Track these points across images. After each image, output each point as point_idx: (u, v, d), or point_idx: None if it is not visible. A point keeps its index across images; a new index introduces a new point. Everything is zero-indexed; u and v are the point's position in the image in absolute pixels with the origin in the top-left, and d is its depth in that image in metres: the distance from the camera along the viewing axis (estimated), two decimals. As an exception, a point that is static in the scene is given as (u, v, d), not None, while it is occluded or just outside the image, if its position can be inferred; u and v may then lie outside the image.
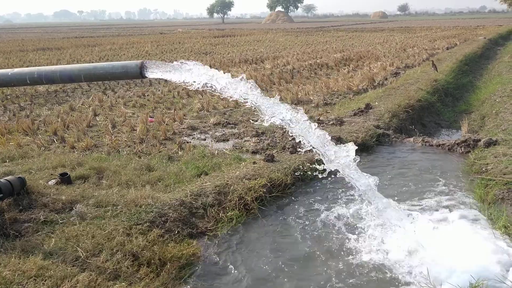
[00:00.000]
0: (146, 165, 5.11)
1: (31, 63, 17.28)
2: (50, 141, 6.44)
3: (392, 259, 3.33)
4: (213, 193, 4.25)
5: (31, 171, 4.82)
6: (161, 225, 3.67)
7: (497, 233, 3.58)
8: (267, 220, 4.12)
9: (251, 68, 14.45)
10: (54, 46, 26.44)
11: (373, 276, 3.18)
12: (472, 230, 3.72)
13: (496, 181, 4.47)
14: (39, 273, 2.83)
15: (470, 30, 33.05)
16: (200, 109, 8.54)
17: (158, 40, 31.24)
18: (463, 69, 12.70)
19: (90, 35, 44.27)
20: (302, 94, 9.65)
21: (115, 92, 11.01)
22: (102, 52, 21.61)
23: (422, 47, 19.50)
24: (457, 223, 3.86)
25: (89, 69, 3.12)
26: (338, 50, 20.14)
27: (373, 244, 3.55)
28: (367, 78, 11.09)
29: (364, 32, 36.87)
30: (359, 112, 7.46)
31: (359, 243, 3.62)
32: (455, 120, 8.12)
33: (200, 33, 44.19)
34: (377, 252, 3.44)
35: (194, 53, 20.93)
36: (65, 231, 3.38)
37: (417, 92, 8.80)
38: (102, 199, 3.96)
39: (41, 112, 8.73)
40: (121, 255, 3.12)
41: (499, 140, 5.61)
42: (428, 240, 3.43)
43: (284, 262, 3.43)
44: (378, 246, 3.51)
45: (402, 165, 5.50)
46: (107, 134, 6.66)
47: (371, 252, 3.45)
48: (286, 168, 4.92)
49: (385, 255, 3.39)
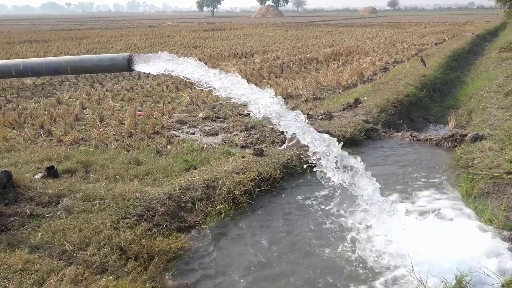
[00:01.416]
0: (134, 159, 5.08)
1: (18, 55, 17.01)
2: (36, 135, 6.37)
3: (377, 251, 3.37)
4: (201, 187, 4.24)
5: (17, 164, 4.77)
6: (149, 219, 3.66)
7: (482, 226, 3.64)
8: (256, 214, 4.13)
9: (240, 62, 14.41)
10: (41, 39, 26.04)
11: (358, 268, 3.21)
12: (457, 223, 3.78)
13: (482, 175, 4.53)
14: (25, 267, 2.80)
15: (458, 26, 33.35)
16: (189, 103, 8.50)
17: (147, 33, 30.95)
18: (451, 65, 12.81)
19: (77, 27, 43.69)
20: (291, 88, 9.66)
21: (103, 85, 10.90)
22: (90, 45, 21.35)
23: (411, 43, 19.62)
24: (443, 217, 3.91)
25: (75, 62, 3.08)
26: (328, 45, 20.17)
27: (360, 238, 3.58)
28: (357, 73, 11.14)
29: (354, 27, 36.96)
30: (348, 107, 7.49)
31: (346, 235, 3.65)
32: (443, 115, 8.19)
33: (190, 26, 43.88)
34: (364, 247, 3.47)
35: (184, 46, 20.79)
36: (51, 225, 3.35)
37: (405, 87, 8.86)
38: (90, 193, 3.93)
39: (27, 105, 8.61)
40: (109, 249, 3.11)
41: (485, 135, 5.68)
42: (413, 233, 3.47)
43: (272, 255, 3.45)
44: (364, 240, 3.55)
45: (389, 159, 5.55)
46: (95, 127, 6.60)
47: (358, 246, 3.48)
48: (275, 162, 4.93)
49: (371, 247, 3.43)
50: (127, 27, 43.01)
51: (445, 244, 3.34)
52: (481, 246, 3.35)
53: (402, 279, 3.05)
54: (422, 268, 3.05)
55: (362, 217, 3.80)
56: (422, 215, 3.94)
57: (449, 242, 3.37)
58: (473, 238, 3.48)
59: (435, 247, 3.28)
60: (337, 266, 3.27)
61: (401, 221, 3.58)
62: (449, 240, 3.40)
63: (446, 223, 3.79)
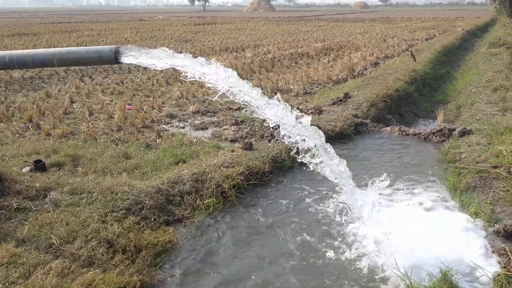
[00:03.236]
0: (123, 153, 5.06)
1: (6, 48, 16.77)
2: (25, 128, 6.31)
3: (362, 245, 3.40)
4: (190, 181, 4.24)
5: (4, 158, 4.72)
6: (137, 212, 3.65)
7: (468, 220, 3.68)
8: (244, 207, 4.14)
9: (231, 57, 14.36)
10: (30, 32, 25.68)
11: (343, 263, 3.24)
12: (444, 217, 3.81)
13: (469, 170, 4.58)
14: (11, 260, 2.79)
15: (449, 22, 33.48)
16: (179, 97, 8.46)
17: (138, 27, 30.67)
18: (441, 60, 12.89)
19: (67, 21, 43.17)
20: (282, 83, 9.66)
21: (92, 79, 10.80)
22: (80, 38, 21.12)
23: (402, 38, 19.69)
24: (429, 211, 3.95)
25: (62, 54, 3.05)
26: (319, 39, 20.17)
27: (346, 233, 3.61)
28: (347, 68, 11.16)
29: (345, 22, 36.97)
30: (338, 101, 7.51)
31: (332, 229, 3.67)
32: (432, 110, 8.26)
33: (181, 20, 43.58)
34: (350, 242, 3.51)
35: (175, 40, 20.66)
36: (38, 219, 3.33)
37: (395, 82, 8.91)
38: (77, 186, 3.91)
39: (16, 98, 8.51)
40: (96, 242, 3.10)
41: (473, 129, 5.74)
42: (399, 226, 3.51)
43: (259, 248, 3.46)
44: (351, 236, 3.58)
45: (378, 153, 5.58)
46: (84, 121, 6.55)
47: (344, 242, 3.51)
48: (264, 156, 4.94)
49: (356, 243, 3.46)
50: (118, 21, 42.61)
51: (430, 237, 3.38)
52: (466, 240, 3.39)
53: (386, 272, 3.07)
54: (406, 262, 3.07)
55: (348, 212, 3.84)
56: (408, 208, 3.98)
57: (434, 236, 3.40)
58: (458, 231, 3.51)
59: (420, 241, 3.31)
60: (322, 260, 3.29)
61: (386, 214, 3.61)
62: (434, 234, 3.44)
63: (432, 216, 3.83)
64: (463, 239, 3.40)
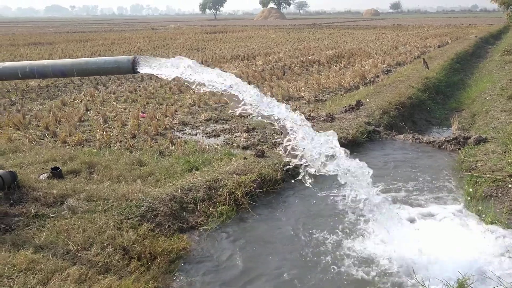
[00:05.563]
0: (137, 160, 5.11)
1: (22, 57, 17.11)
2: (41, 136, 6.42)
3: (377, 253, 3.38)
4: (203, 188, 4.27)
5: (22, 165, 4.80)
6: (152, 219, 3.69)
7: (485, 229, 3.64)
8: (257, 215, 4.15)
9: (242, 65, 14.45)
10: (45, 41, 26.17)
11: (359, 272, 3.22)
12: (460, 226, 3.78)
13: (485, 178, 4.54)
14: (29, 266, 2.83)
15: (461, 29, 33.29)
16: (191, 104, 8.54)
17: (150, 36, 31.05)
18: (454, 67, 12.82)
19: (82, 30, 43.90)
20: (293, 90, 9.69)
21: (106, 87, 10.96)
22: (94, 48, 21.45)
23: (413, 45, 19.62)
24: (446, 219, 3.91)
25: (81, 64, 3.12)
26: (330, 47, 20.19)
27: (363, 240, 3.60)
28: (359, 75, 11.16)
29: (356, 30, 36.97)
30: (350, 108, 7.50)
31: (349, 237, 3.66)
32: (446, 118, 8.20)
33: (192, 29, 44.01)
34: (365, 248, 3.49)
35: (186, 49, 20.86)
36: (56, 225, 3.38)
37: (408, 90, 8.88)
38: (93, 193, 3.95)
39: (32, 106, 8.66)
40: (112, 249, 3.14)
41: (488, 137, 5.69)
42: (415, 235, 3.48)
43: (273, 256, 3.46)
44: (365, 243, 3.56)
45: (392, 161, 5.55)
46: (99, 129, 6.65)
47: (360, 247, 3.50)
48: (276, 164, 4.95)
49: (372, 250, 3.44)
50: (131, 30, 43.17)
51: (447, 246, 3.35)
52: (483, 249, 3.35)
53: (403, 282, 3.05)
54: (423, 271, 3.05)
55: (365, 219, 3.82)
56: (423, 217, 3.95)
57: (451, 245, 3.37)
58: (475, 240, 3.48)
59: (437, 250, 3.29)
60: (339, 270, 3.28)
61: (402, 224, 3.59)
62: (451, 243, 3.41)
63: (448, 225, 3.79)
64: (480, 249, 3.36)
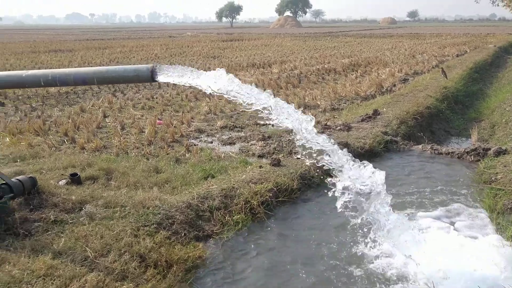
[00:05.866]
0: (154, 167, 5.15)
1: (43, 64, 17.47)
2: (60, 142, 6.52)
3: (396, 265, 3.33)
4: (219, 196, 4.27)
5: (42, 171, 4.88)
6: (168, 227, 3.70)
7: (505, 243, 3.57)
8: (273, 224, 4.13)
9: (258, 73, 14.49)
10: (65, 48, 26.71)
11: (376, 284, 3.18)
12: (479, 239, 3.71)
13: (506, 191, 4.44)
14: (48, 272, 2.86)
15: (480, 38, 32.85)
16: (207, 112, 8.59)
17: (167, 44, 31.44)
18: (473, 77, 12.64)
19: (101, 37, 44.67)
20: (309, 98, 9.67)
21: (124, 94, 11.11)
22: (112, 55, 21.80)
23: (431, 54, 19.43)
24: (465, 232, 3.85)
25: (101, 72, 3.17)
26: (346, 55, 20.13)
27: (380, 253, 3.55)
28: (375, 84, 11.08)
29: (372, 38, 36.81)
30: (366, 118, 7.45)
31: (367, 248, 3.61)
32: (465, 128, 8.07)
33: (209, 37, 44.41)
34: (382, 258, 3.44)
35: (203, 56, 21.04)
36: (74, 231, 3.42)
37: (426, 99, 8.78)
38: (111, 200, 3.99)
39: (52, 113, 8.83)
40: (129, 256, 3.15)
41: (508, 149, 5.58)
42: (433, 248, 3.42)
43: (290, 266, 3.44)
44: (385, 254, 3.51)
45: (410, 172, 5.48)
46: (116, 135, 6.73)
47: (377, 258, 3.45)
48: (293, 173, 4.93)
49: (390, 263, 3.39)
50: (148, 37, 43.77)
51: (466, 260, 3.29)
52: (503, 263, 3.28)
53: None
54: (442, 285, 3.00)
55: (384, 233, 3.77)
56: (443, 230, 3.88)
57: (471, 258, 3.31)
58: (495, 254, 3.41)
59: (456, 263, 3.23)
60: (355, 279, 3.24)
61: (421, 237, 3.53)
62: (470, 256, 3.34)
63: (467, 238, 3.72)
64: (500, 263, 3.29)
